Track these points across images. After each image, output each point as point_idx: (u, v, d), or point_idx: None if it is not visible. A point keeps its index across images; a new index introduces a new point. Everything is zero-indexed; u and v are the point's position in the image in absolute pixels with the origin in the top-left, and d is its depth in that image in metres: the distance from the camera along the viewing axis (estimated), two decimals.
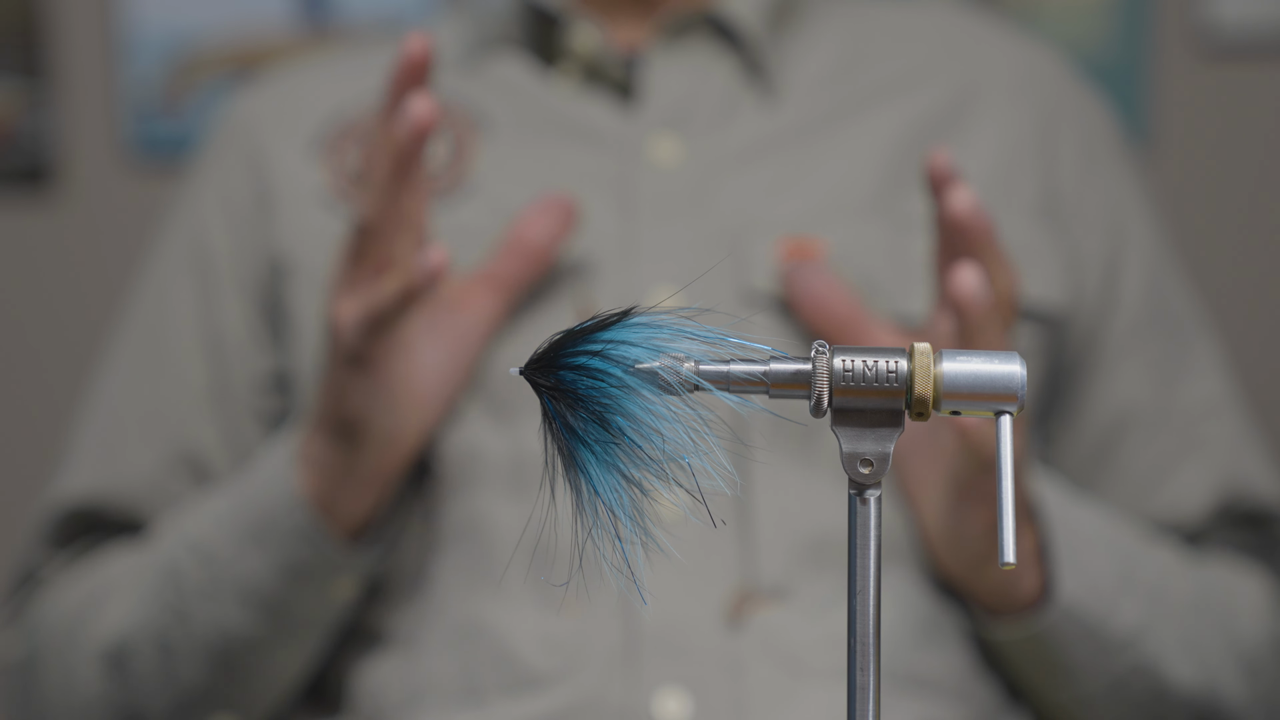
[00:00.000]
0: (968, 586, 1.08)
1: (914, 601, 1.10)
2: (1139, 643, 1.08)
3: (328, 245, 1.13)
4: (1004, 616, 1.07)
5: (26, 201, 2.25)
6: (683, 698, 1.06)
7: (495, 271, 1.09)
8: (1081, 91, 1.25)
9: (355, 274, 1.03)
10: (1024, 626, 1.06)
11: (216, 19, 2.22)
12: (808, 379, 0.61)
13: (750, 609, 1.08)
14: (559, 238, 1.10)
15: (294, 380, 1.17)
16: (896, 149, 1.18)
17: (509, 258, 1.10)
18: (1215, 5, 2.16)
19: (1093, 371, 1.18)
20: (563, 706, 1.06)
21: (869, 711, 0.60)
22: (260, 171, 1.20)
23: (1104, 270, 1.19)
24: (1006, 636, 1.07)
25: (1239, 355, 2.20)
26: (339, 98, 1.22)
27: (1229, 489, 1.18)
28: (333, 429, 1.06)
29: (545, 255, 1.09)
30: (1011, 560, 0.59)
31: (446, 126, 1.20)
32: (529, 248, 1.09)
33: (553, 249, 1.10)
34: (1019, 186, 1.18)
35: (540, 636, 1.07)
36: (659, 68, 1.19)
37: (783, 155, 1.18)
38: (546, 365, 0.61)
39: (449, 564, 1.10)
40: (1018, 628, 1.06)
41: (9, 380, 2.29)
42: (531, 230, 1.09)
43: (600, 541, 0.60)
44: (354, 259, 1.03)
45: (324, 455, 1.06)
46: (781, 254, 1.13)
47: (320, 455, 1.06)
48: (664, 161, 1.16)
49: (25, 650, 1.17)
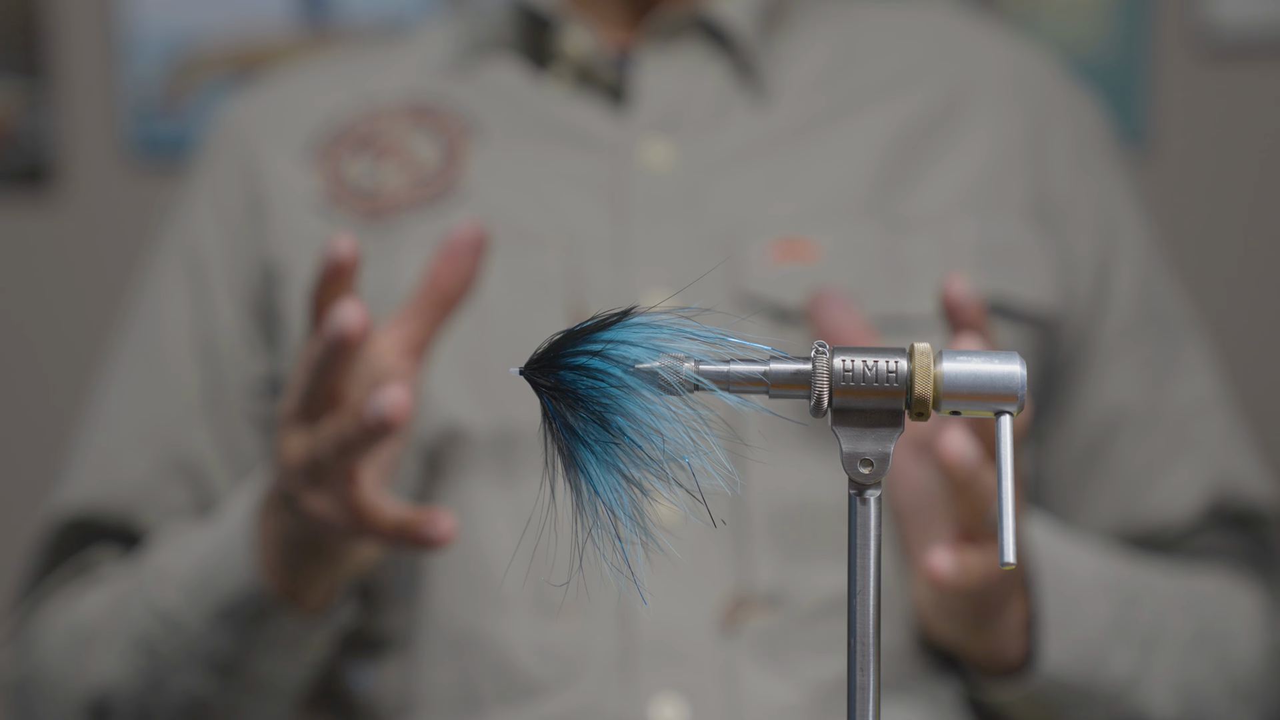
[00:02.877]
0: (960, 649, 1.09)
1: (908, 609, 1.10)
2: (1130, 693, 1.09)
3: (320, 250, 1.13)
4: (994, 678, 1.08)
5: (26, 201, 2.25)
6: (679, 704, 1.06)
7: (412, 332, 1.03)
8: (1073, 92, 1.25)
9: (306, 416, 0.99)
10: (1012, 690, 1.07)
11: (216, 19, 2.22)
12: (808, 379, 0.61)
13: (744, 615, 1.08)
14: (472, 276, 1.03)
15: (286, 385, 1.17)
16: (889, 150, 1.18)
17: (426, 309, 1.03)
18: (1215, 5, 2.16)
19: (1084, 372, 1.18)
20: (560, 714, 1.06)
21: (869, 712, 0.60)
22: (253, 178, 1.20)
23: (1095, 271, 1.19)
24: (996, 699, 1.09)
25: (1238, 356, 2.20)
26: (332, 103, 1.22)
27: (1219, 489, 1.18)
28: (289, 555, 1.04)
29: (460, 298, 1.04)
30: (1011, 560, 0.59)
31: (439, 131, 1.20)
32: (444, 297, 1.03)
33: (468, 289, 1.04)
34: (1010, 188, 1.18)
35: (537, 645, 1.07)
36: (650, 71, 1.19)
37: (775, 157, 1.18)
38: (546, 365, 0.61)
39: (443, 570, 1.10)
40: (1006, 690, 1.08)
41: (9, 380, 2.29)
42: (447, 278, 1.03)
43: (600, 542, 0.60)
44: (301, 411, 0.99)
45: (280, 552, 1.04)
46: (775, 256, 1.13)
47: (277, 552, 1.05)
48: (656, 164, 1.16)
49: (22, 672, 1.18)
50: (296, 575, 1.04)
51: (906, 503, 1.08)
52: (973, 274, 1.14)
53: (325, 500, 0.98)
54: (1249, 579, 1.19)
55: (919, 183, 1.17)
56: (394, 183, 1.18)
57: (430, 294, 1.02)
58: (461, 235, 1.02)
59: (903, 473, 1.07)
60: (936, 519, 1.06)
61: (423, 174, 1.18)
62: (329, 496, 0.98)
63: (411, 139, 1.20)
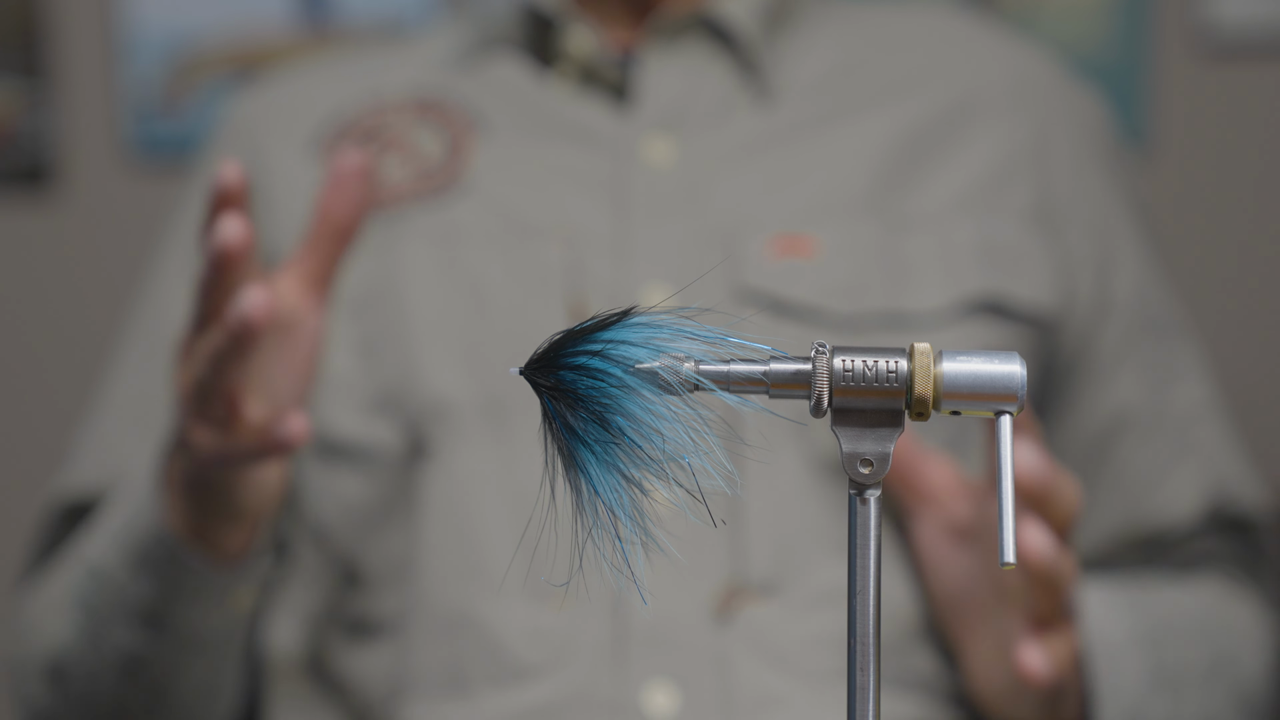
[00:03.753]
0: None
1: (908, 603, 1.10)
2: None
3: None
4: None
5: (26, 201, 2.25)
6: (671, 691, 1.06)
7: (312, 268, 1.04)
8: (1076, 94, 1.25)
9: (205, 410, 0.98)
10: None
11: (216, 19, 2.22)
12: (808, 379, 0.61)
13: (739, 604, 1.08)
14: (361, 206, 1.03)
15: None
16: (890, 153, 1.18)
17: (322, 243, 1.03)
18: (1215, 5, 2.16)
19: (1087, 375, 1.19)
20: (551, 699, 1.06)
21: (869, 711, 0.60)
22: (258, 171, 1.21)
23: (1096, 273, 1.19)
24: None
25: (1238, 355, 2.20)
26: (337, 98, 1.23)
27: (1218, 493, 1.19)
28: (191, 498, 1.04)
29: (356, 226, 1.04)
30: (1011, 560, 0.59)
31: (444, 125, 1.20)
32: (339, 227, 1.03)
33: (359, 220, 1.04)
34: (1011, 194, 1.18)
35: (529, 629, 1.08)
36: (654, 70, 1.19)
37: (776, 154, 1.18)
38: (546, 365, 0.61)
39: (436, 552, 1.10)
40: None
41: (9, 380, 2.29)
42: (337, 209, 1.03)
43: (600, 541, 0.60)
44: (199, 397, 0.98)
45: (186, 503, 1.04)
46: (774, 251, 1.13)
47: (183, 501, 1.04)
48: (657, 162, 1.17)
49: (12, 652, 1.19)
50: (200, 516, 1.04)
51: (948, 592, 1.08)
52: (971, 273, 1.14)
53: (210, 434, 0.98)
54: (1245, 587, 1.19)
55: (919, 187, 1.17)
56: (397, 175, 1.19)
57: (322, 227, 1.02)
58: (345, 164, 1.02)
59: (943, 561, 1.08)
60: (987, 608, 1.06)
61: (426, 167, 1.19)
62: (213, 429, 0.98)
63: (416, 133, 1.20)
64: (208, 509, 1.04)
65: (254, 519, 1.06)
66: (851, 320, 1.12)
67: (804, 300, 1.12)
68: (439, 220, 1.15)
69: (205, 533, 1.05)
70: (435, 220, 1.15)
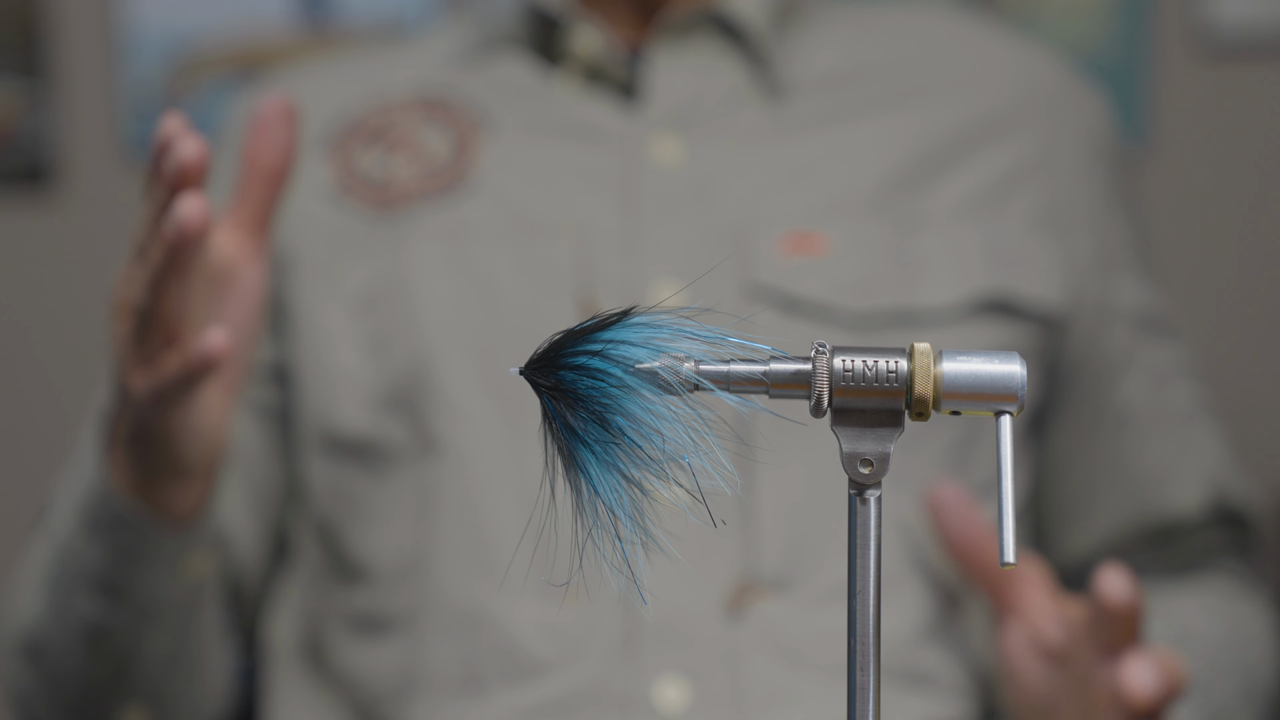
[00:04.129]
0: None
1: (918, 600, 1.10)
2: None
3: (330, 239, 1.14)
4: None
5: (26, 201, 2.26)
6: (682, 686, 1.06)
7: (247, 215, 1.04)
8: (1081, 95, 1.26)
9: (143, 349, 0.99)
10: None
11: (216, 19, 2.22)
12: (808, 379, 0.61)
13: (750, 599, 1.08)
14: (288, 147, 1.03)
15: (292, 372, 1.17)
16: (902, 158, 1.18)
17: (253, 188, 1.03)
18: (1215, 5, 2.16)
19: (1095, 373, 1.19)
20: (563, 694, 1.07)
21: (869, 711, 0.60)
22: None
23: (1101, 273, 1.19)
24: None
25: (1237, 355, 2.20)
26: (344, 98, 1.23)
27: (1217, 487, 1.19)
28: (134, 453, 1.04)
29: (285, 168, 1.04)
30: (1012, 560, 0.59)
31: (450, 124, 1.20)
32: (268, 170, 1.03)
33: (288, 161, 1.03)
34: (1020, 199, 1.18)
35: (541, 625, 1.08)
36: (662, 68, 1.19)
37: (786, 152, 1.18)
38: (546, 365, 0.61)
39: (448, 549, 1.11)
40: None
41: (9, 379, 2.29)
42: (263, 152, 1.03)
43: (601, 541, 0.60)
44: (137, 338, 0.99)
45: (130, 459, 1.04)
46: (784, 249, 1.13)
47: (127, 458, 1.05)
48: (666, 160, 1.17)
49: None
50: (145, 473, 1.04)
51: (1028, 703, 1.08)
52: (980, 271, 1.14)
53: (146, 377, 0.98)
54: (1250, 584, 1.20)
55: (929, 192, 1.17)
56: (404, 174, 1.19)
57: (251, 172, 1.02)
58: (267, 107, 1.03)
59: (1027, 672, 1.07)
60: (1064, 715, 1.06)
61: (433, 165, 1.19)
62: (150, 373, 0.98)
63: (422, 131, 1.20)
64: (151, 464, 1.03)
65: (199, 476, 1.05)
66: (862, 318, 1.13)
67: (814, 297, 1.13)
68: (447, 218, 1.15)
69: (151, 492, 1.05)
70: (443, 218, 1.16)
